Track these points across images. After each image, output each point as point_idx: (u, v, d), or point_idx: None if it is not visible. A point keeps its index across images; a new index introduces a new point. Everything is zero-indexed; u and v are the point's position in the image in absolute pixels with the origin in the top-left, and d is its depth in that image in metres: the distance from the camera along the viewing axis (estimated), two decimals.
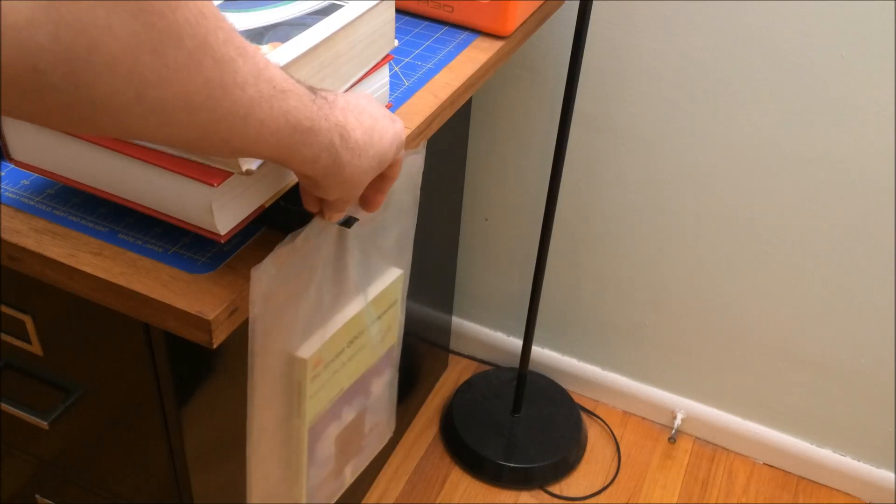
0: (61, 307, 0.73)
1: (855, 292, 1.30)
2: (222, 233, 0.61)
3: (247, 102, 0.46)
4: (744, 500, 1.46)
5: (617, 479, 1.48)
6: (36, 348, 0.77)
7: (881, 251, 1.25)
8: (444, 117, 0.87)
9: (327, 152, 0.54)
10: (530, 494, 1.44)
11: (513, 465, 1.45)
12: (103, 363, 0.75)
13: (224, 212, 0.61)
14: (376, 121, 0.59)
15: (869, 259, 1.26)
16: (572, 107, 1.18)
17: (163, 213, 0.63)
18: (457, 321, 1.65)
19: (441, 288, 1.52)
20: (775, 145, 1.22)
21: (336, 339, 0.74)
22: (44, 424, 0.79)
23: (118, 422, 0.80)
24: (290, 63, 0.60)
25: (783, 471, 1.51)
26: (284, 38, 0.62)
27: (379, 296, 0.78)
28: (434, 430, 1.54)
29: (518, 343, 1.58)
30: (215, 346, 0.61)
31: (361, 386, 0.83)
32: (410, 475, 1.46)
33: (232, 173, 0.59)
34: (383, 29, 0.71)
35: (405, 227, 0.79)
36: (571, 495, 1.45)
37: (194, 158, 0.59)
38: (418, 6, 0.99)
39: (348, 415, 0.83)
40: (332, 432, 0.81)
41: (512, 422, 1.51)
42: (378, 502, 1.41)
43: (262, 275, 0.60)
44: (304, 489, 0.80)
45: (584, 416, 1.57)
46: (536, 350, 1.61)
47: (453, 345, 1.68)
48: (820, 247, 1.28)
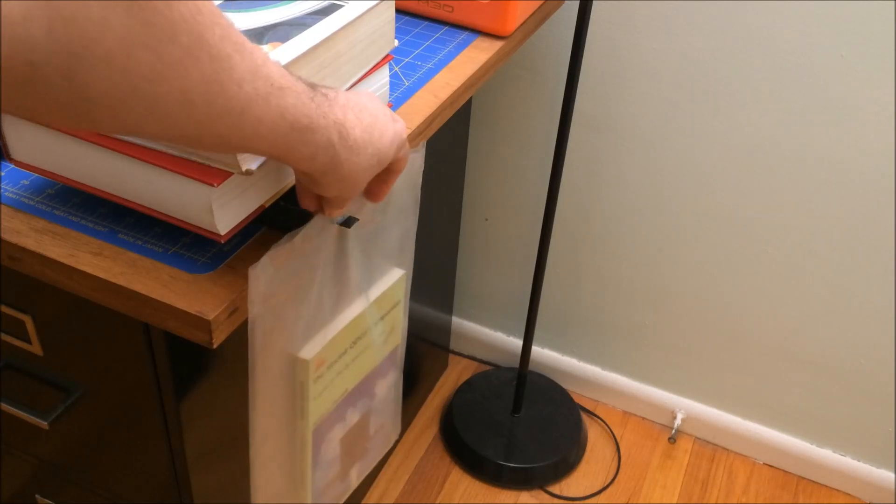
0: (61, 307, 0.73)
1: (855, 292, 1.30)
2: (222, 233, 0.61)
3: (244, 99, 0.46)
4: (744, 500, 1.46)
5: (617, 479, 1.48)
6: (36, 348, 0.77)
7: (881, 251, 1.25)
8: (444, 117, 0.87)
9: (325, 150, 0.54)
10: (530, 494, 1.44)
11: (513, 465, 1.45)
12: (103, 363, 0.75)
13: (224, 212, 0.61)
14: (376, 119, 0.59)
15: (869, 259, 1.26)
16: (572, 107, 1.18)
17: (163, 213, 0.63)
18: (457, 321, 1.65)
19: (441, 288, 1.52)
20: (775, 145, 1.22)
21: (339, 340, 0.74)
22: (44, 424, 0.79)
23: (118, 422, 0.80)
24: (290, 63, 0.60)
25: (783, 471, 1.51)
26: (284, 38, 0.62)
27: (381, 296, 0.78)
28: (434, 430, 1.54)
29: (518, 343, 1.58)
30: (215, 346, 0.61)
31: (366, 387, 0.83)
32: (410, 475, 1.46)
33: (232, 173, 0.59)
34: (383, 29, 0.71)
35: (406, 228, 0.79)
36: (571, 495, 1.45)
37: (194, 158, 0.59)
38: (418, 6, 0.99)
39: (353, 416, 0.82)
40: (336, 434, 0.80)
41: (512, 422, 1.51)
42: (378, 502, 1.41)
43: (261, 274, 0.60)
44: (309, 491, 0.80)
45: (584, 416, 1.57)
46: (536, 350, 1.61)
47: (453, 345, 1.68)
48: (820, 247, 1.28)
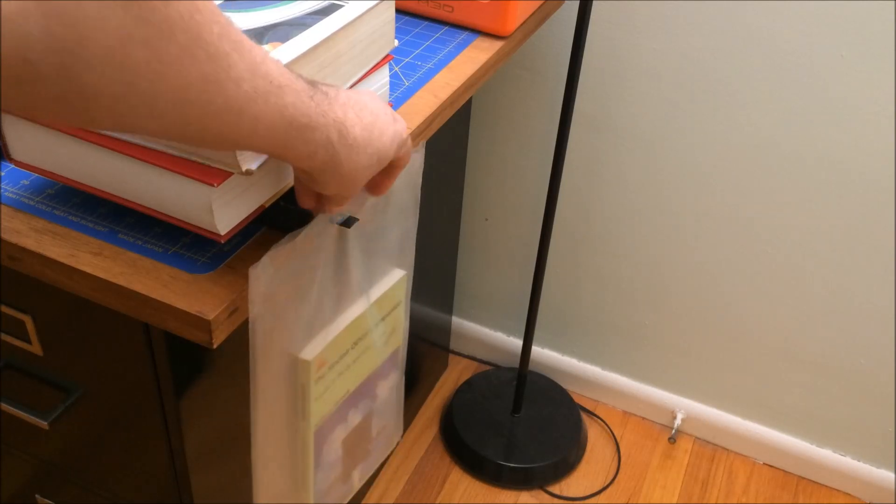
0: (61, 307, 0.73)
1: (855, 292, 1.30)
2: (222, 233, 0.61)
3: (242, 97, 0.46)
4: (744, 500, 1.46)
5: (617, 479, 1.48)
6: (36, 348, 0.77)
7: (881, 251, 1.25)
8: (444, 117, 0.87)
9: (324, 148, 0.54)
10: (530, 494, 1.44)
11: (513, 465, 1.45)
12: (103, 363, 0.75)
13: (224, 212, 0.61)
14: (377, 118, 0.59)
15: (869, 259, 1.26)
16: (572, 107, 1.18)
17: (163, 213, 0.63)
18: (457, 321, 1.65)
19: (441, 288, 1.52)
20: (775, 145, 1.22)
21: (340, 341, 0.73)
22: (44, 424, 0.79)
23: (118, 422, 0.80)
24: (290, 63, 0.60)
25: (783, 471, 1.51)
26: (284, 38, 0.62)
27: (382, 297, 0.78)
28: (434, 430, 1.54)
29: (518, 343, 1.58)
30: (215, 346, 0.61)
31: (367, 389, 0.82)
32: (410, 475, 1.46)
33: (232, 173, 0.59)
34: (383, 29, 0.71)
35: (407, 228, 0.79)
36: (571, 495, 1.45)
37: (194, 158, 0.59)
38: (418, 6, 0.99)
39: (354, 418, 0.82)
40: (338, 435, 0.80)
41: (512, 422, 1.51)
42: (378, 502, 1.41)
43: (261, 274, 0.60)
44: (311, 492, 0.79)
45: (584, 416, 1.57)
46: (536, 350, 1.61)
47: (453, 345, 1.68)
48: (820, 247, 1.28)
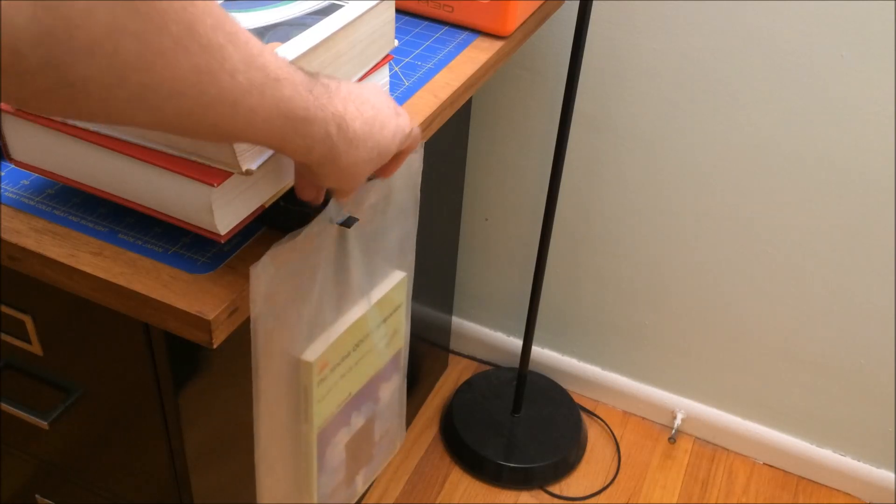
0: (61, 307, 0.73)
1: (855, 292, 1.30)
2: (222, 233, 0.61)
3: (237, 89, 0.46)
4: (744, 500, 1.46)
5: (617, 479, 1.48)
6: (36, 348, 0.77)
7: (881, 251, 1.25)
8: (444, 117, 0.87)
9: (322, 142, 0.54)
10: (530, 494, 1.44)
11: (513, 465, 1.45)
12: (103, 363, 0.75)
13: (224, 212, 0.61)
14: (378, 112, 0.58)
15: (869, 259, 1.26)
16: (572, 107, 1.18)
17: (163, 213, 0.63)
18: (457, 321, 1.65)
19: (441, 288, 1.52)
20: (775, 145, 1.22)
21: (341, 342, 0.73)
22: (44, 424, 0.79)
23: (118, 422, 0.80)
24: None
25: (783, 471, 1.51)
26: (284, 38, 0.62)
27: (383, 298, 0.78)
28: (434, 430, 1.54)
29: (518, 343, 1.58)
30: (215, 346, 0.61)
31: (370, 391, 0.82)
32: (410, 475, 1.46)
33: (232, 173, 0.59)
34: (383, 29, 0.71)
35: (407, 229, 0.79)
36: (571, 495, 1.45)
37: (194, 158, 0.59)
38: (418, 6, 0.99)
39: (357, 421, 0.82)
40: (341, 438, 0.80)
41: (512, 422, 1.51)
42: (378, 502, 1.41)
43: (262, 272, 0.60)
44: (314, 496, 0.79)
45: (584, 416, 1.57)
46: (536, 350, 1.61)
47: (453, 345, 1.68)
48: (820, 247, 1.28)
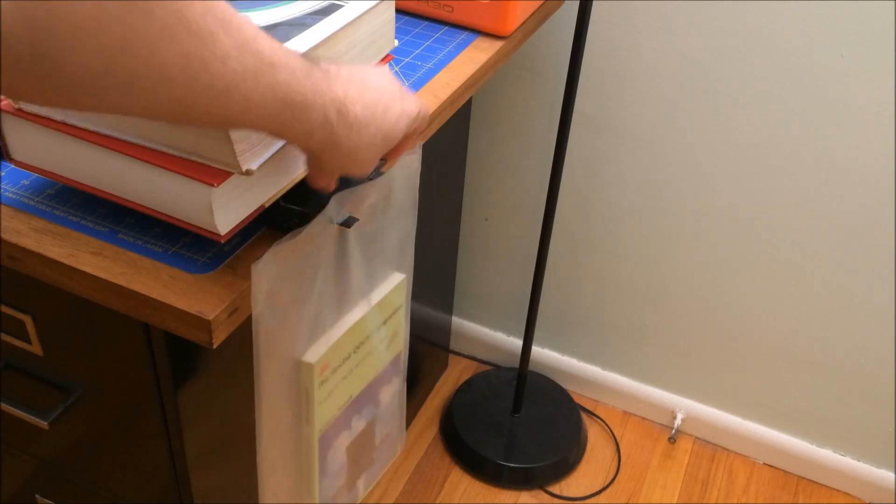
0: (61, 307, 0.73)
1: (855, 292, 1.30)
2: (222, 233, 0.61)
3: (229, 76, 0.45)
4: (744, 500, 1.46)
5: (617, 479, 1.48)
6: (36, 348, 0.77)
7: (881, 251, 1.25)
8: (444, 117, 0.87)
9: (321, 128, 0.53)
10: (530, 494, 1.44)
11: (513, 465, 1.45)
12: (103, 363, 0.75)
13: (224, 212, 0.61)
14: (381, 95, 0.57)
15: (869, 259, 1.26)
16: (572, 107, 1.18)
17: (163, 213, 0.63)
18: (457, 321, 1.65)
19: (441, 288, 1.52)
20: (775, 145, 1.22)
21: (341, 344, 0.73)
22: (44, 424, 0.79)
23: (118, 422, 0.80)
24: None
25: (783, 471, 1.51)
26: (284, 38, 0.62)
27: (382, 300, 0.78)
28: (434, 430, 1.54)
29: (518, 343, 1.58)
30: (215, 346, 0.61)
31: (370, 394, 0.82)
32: (410, 475, 1.46)
33: (232, 173, 0.59)
34: (383, 29, 0.71)
35: (406, 230, 0.79)
36: (571, 495, 1.45)
37: (194, 158, 0.59)
38: (418, 6, 0.99)
39: (358, 424, 0.82)
40: (342, 442, 0.80)
41: (512, 422, 1.51)
42: (378, 502, 1.41)
43: (263, 271, 0.60)
44: (316, 497, 0.79)
45: (584, 416, 1.57)
46: (536, 350, 1.61)
47: (453, 345, 1.68)
48: (820, 247, 1.28)
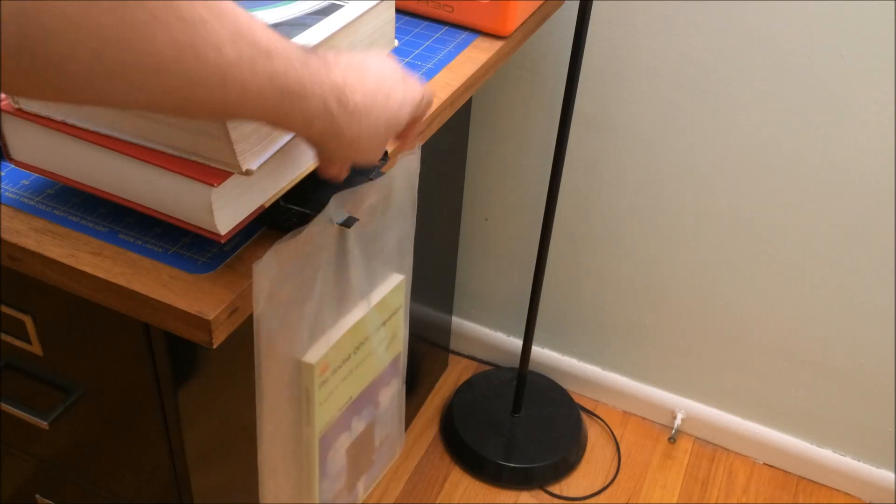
0: (61, 307, 0.73)
1: (855, 292, 1.30)
2: (222, 233, 0.61)
3: (224, 65, 0.44)
4: (744, 500, 1.46)
5: (617, 479, 1.48)
6: (36, 348, 0.77)
7: (881, 251, 1.25)
8: (444, 117, 0.87)
9: (321, 117, 0.53)
10: (530, 494, 1.44)
11: (513, 465, 1.45)
12: (103, 363, 0.75)
13: (224, 212, 0.61)
14: (382, 82, 0.57)
15: (869, 259, 1.26)
16: (572, 107, 1.18)
17: (163, 213, 0.63)
18: (457, 321, 1.65)
19: (441, 288, 1.52)
20: (775, 145, 1.22)
21: (341, 345, 0.73)
22: (44, 424, 0.79)
23: (118, 422, 0.80)
24: None
25: (783, 471, 1.51)
26: None
27: (382, 301, 0.78)
28: (434, 430, 1.54)
29: (518, 343, 1.58)
30: (215, 346, 0.61)
31: (370, 396, 0.82)
32: (410, 475, 1.46)
33: (232, 173, 0.59)
34: (383, 29, 0.71)
35: (405, 231, 0.79)
36: (571, 495, 1.45)
37: (194, 158, 0.59)
38: (418, 6, 0.99)
39: (358, 426, 0.82)
40: (342, 443, 0.80)
41: (512, 422, 1.51)
42: (378, 502, 1.41)
43: (264, 270, 0.60)
44: (317, 498, 0.79)
45: (584, 416, 1.57)
46: (536, 350, 1.61)
47: (453, 345, 1.68)
48: (820, 247, 1.28)
